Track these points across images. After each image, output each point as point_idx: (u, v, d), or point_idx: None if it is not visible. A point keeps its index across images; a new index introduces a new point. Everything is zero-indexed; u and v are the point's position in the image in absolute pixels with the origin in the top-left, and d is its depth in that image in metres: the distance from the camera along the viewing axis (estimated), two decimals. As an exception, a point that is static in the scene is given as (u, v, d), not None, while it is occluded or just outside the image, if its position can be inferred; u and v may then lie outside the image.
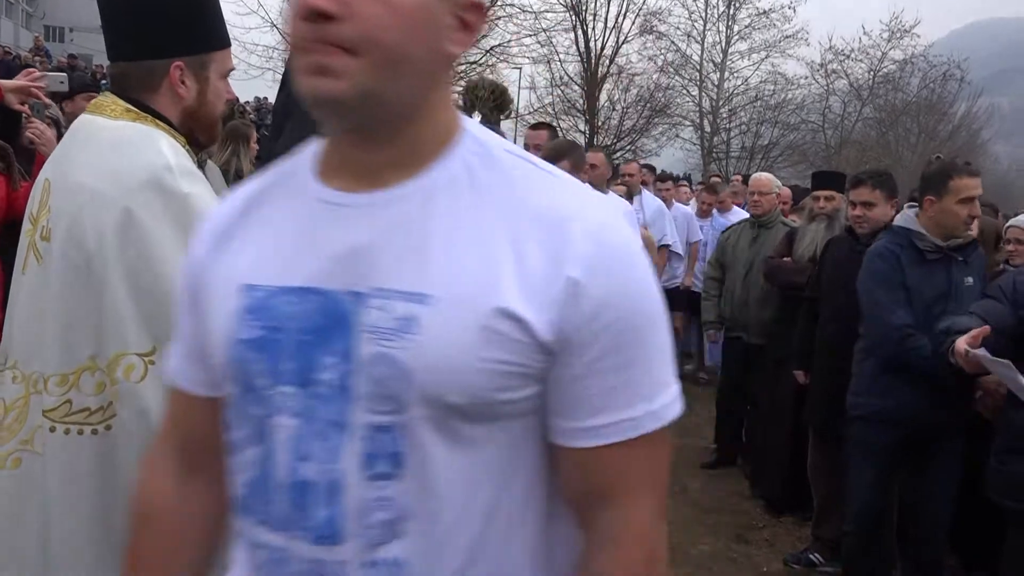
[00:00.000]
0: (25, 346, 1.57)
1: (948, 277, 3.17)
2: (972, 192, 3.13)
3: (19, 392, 1.56)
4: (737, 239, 5.30)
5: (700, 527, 4.38)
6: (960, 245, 3.19)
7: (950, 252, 3.18)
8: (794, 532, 4.38)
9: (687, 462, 5.39)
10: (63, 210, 1.54)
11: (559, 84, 25.72)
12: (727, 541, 4.23)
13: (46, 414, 1.52)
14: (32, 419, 1.54)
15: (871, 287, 3.20)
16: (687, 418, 5.65)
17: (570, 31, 25.36)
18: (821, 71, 28.44)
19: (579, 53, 25.78)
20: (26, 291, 1.58)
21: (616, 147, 25.94)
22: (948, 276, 3.17)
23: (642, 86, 26.68)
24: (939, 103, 29.23)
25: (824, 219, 4.48)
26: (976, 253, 3.27)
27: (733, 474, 5.21)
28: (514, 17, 22.86)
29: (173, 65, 1.63)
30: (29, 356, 1.56)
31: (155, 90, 1.64)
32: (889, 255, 3.17)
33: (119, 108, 1.61)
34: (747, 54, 28.13)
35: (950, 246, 3.17)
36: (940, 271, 3.17)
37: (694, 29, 27.86)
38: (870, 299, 3.20)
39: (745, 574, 3.89)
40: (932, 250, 3.16)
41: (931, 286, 3.14)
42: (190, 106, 1.67)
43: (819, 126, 29.07)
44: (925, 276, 3.15)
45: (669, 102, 27.02)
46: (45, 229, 1.55)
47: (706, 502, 4.74)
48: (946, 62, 28.37)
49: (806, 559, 3.97)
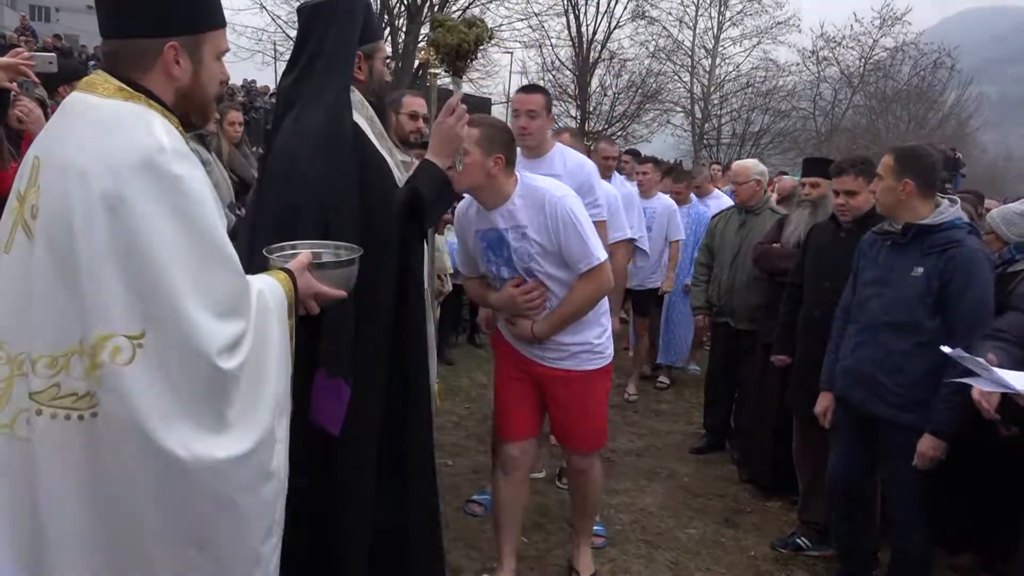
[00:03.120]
0: (10, 326, 1.53)
1: None
2: None
3: (2, 373, 1.53)
4: (725, 225, 5.34)
5: (688, 511, 4.42)
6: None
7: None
8: (782, 516, 4.42)
9: (676, 447, 5.43)
10: (52, 189, 1.50)
11: (550, 69, 25.62)
12: (715, 525, 4.26)
13: (33, 396, 1.49)
14: (16, 402, 1.51)
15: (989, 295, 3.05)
16: (675, 404, 5.73)
17: (562, 16, 25.25)
18: (812, 58, 28.46)
19: (571, 38, 25.68)
20: (12, 270, 1.54)
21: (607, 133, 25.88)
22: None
23: (634, 72, 26.62)
24: (929, 91, 29.28)
25: (808, 205, 4.52)
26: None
27: (721, 459, 5.25)
28: (506, 1, 22.72)
29: (168, 45, 1.61)
30: (15, 336, 1.52)
31: (148, 69, 1.61)
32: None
33: (111, 87, 1.58)
34: (739, 40, 28.10)
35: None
36: None
37: (686, 15, 27.78)
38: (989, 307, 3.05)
39: (733, 558, 3.93)
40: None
41: None
42: (184, 87, 1.65)
43: (810, 113, 29.10)
44: None
45: (660, 88, 26.96)
46: (34, 208, 1.52)
47: (694, 487, 4.77)
48: (937, 50, 28.41)
49: (793, 543, 4.01)
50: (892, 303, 3.13)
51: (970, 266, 2.99)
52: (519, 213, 3.00)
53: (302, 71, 2.47)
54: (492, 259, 3.13)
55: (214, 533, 1.53)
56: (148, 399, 1.45)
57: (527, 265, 3.05)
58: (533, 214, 2.99)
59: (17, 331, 1.52)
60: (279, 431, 1.66)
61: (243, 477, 1.56)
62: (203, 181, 1.57)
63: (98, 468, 1.49)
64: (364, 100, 2.56)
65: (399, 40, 20.29)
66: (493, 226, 3.05)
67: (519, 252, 3.03)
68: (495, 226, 3.05)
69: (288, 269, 1.85)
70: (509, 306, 3.15)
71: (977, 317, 2.95)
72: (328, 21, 2.45)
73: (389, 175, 2.54)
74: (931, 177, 3.16)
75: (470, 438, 5.23)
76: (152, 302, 1.47)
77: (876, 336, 3.17)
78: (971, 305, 2.98)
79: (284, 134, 2.44)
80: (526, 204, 3.00)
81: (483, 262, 3.18)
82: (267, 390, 1.64)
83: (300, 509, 2.41)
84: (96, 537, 1.50)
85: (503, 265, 3.11)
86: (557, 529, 4.01)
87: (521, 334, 3.16)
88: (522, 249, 3.02)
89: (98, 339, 1.45)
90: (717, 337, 5.47)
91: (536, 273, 3.05)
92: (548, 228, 2.97)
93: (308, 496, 2.41)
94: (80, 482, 1.49)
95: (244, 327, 1.60)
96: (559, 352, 3.18)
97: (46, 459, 1.49)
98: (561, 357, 3.18)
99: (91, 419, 1.48)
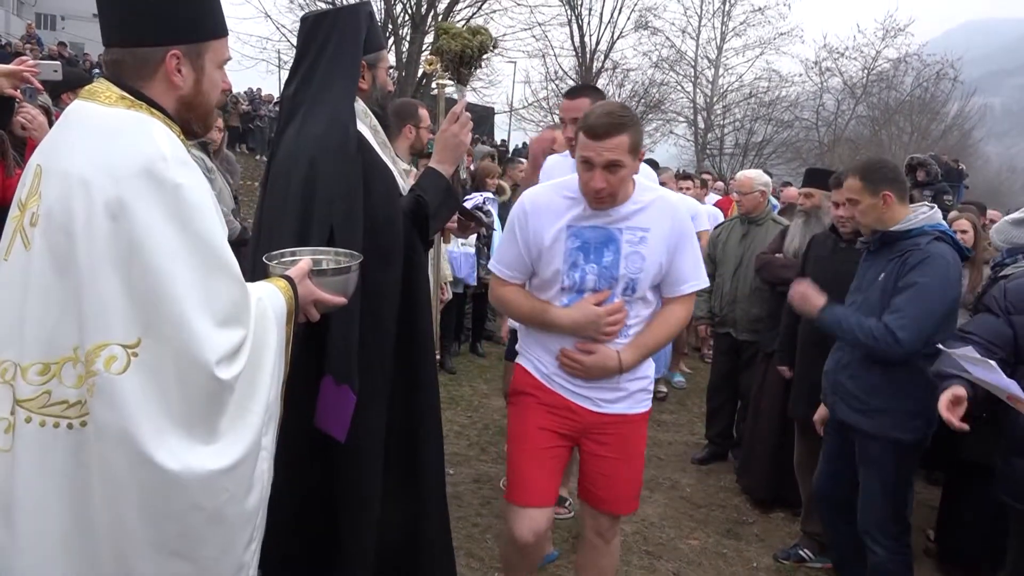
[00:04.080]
0: (2, 333, 1.52)
1: None
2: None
3: None
4: (728, 236, 5.34)
5: (691, 522, 4.40)
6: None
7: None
8: (784, 527, 4.40)
9: (678, 457, 5.42)
10: (53, 196, 1.50)
11: (554, 79, 25.71)
12: (717, 536, 4.24)
13: (21, 404, 1.47)
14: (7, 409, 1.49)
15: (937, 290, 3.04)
16: (678, 414, 5.69)
17: (565, 26, 25.34)
18: (815, 68, 28.54)
19: (574, 48, 25.77)
20: (7, 277, 1.54)
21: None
22: None
23: (637, 81, 26.70)
24: (932, 102, 29.33)
25: (803, 215, 4.55)
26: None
27: (724, 469, 5.23)
28: (509, 11, 22.79)
29: (169, 53, 1.61)
30: (3, 344, 1.51)
31: (150, 78, 1.62)
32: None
33: (113, 95, 1.59)
34: (742, 51, 28.22)
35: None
36: None
37: (689, 25, 27.91)
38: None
39: (735, 569, 3.91)
40: None
41: None
42: (186, 95, 1.65)
43: (812, 124, 29.15)
44: None
45: (663, 98, 27.03)
46: (35, 215, 1.52)
47: (697, 497, 4.75)
48: (940, 61, 28.49)
49: (796, 554, 3.99)
50: (860, 309, 3.19)
51: (921, 264, 2.99)
52: (642, 215, 2.57)
53: (304, 79, 2.48)
54: (580, 263, 2.58)
55: (200, 543, 1.52)
56: (141, 409, 1.44)
57: (634, 276, 2.56)
58: (658, 219, 2.57)
59: (7, 338, 1.51)
60: (266, 439, 1.65)
61: (230, 488, 1.55)
62: (204, 189, 1.57)
63: (83, 477, 1.47)
64: (367, 109, 2.57)
65: (403, 49, 20.36)
66: (602, 224, 2.56)
67: (630, 259, 2.56)
68: (605, 224, 2.56)
69: (288, 276, 1.85)
70: (587, 327, 2.57)
71: (914, 305, 2.93)
72: (333, 30, 2.47)
73: (393, 183, 2.55)
74: (903, 183, 3.21)
75: (472, 447, 5.22)
76: (152, 310, 1.46)
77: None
78: (911, 295, 2.95)
79: (288, 142, 2.45)
80: (652, 207, 2.58)
81: (563, 264, 2.59)
82: (259, 399, 1.63)
83: (307, 513, 2.43)
84: (75, 545, 1.48)
85: (595, 273, 2.57)
86: (559, 541, 3.99)
87: (603, 364, 2.59)
88: (635, 256, 2.57)
89: (94, 347, 1.44)
90: (719, 347, 5.46)
91: (636, 288, 2.58)
92: (670, 238, 2.57)
93: (314, 500, 2.42)
94: (60, 489, 1.48)
95: (244, 335, 1.60)
96: (616, 392, 2.66)
97: (27, 467, 1.47)
98: (618, 398, 2.67)
99: (80, 428, 1.47)
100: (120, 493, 1.46)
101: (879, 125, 29.17)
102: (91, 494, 1.47)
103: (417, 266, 2.62)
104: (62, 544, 1.48)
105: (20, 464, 1.47)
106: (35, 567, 1.48)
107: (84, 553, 1.49)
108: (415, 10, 20.73)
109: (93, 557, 1.49)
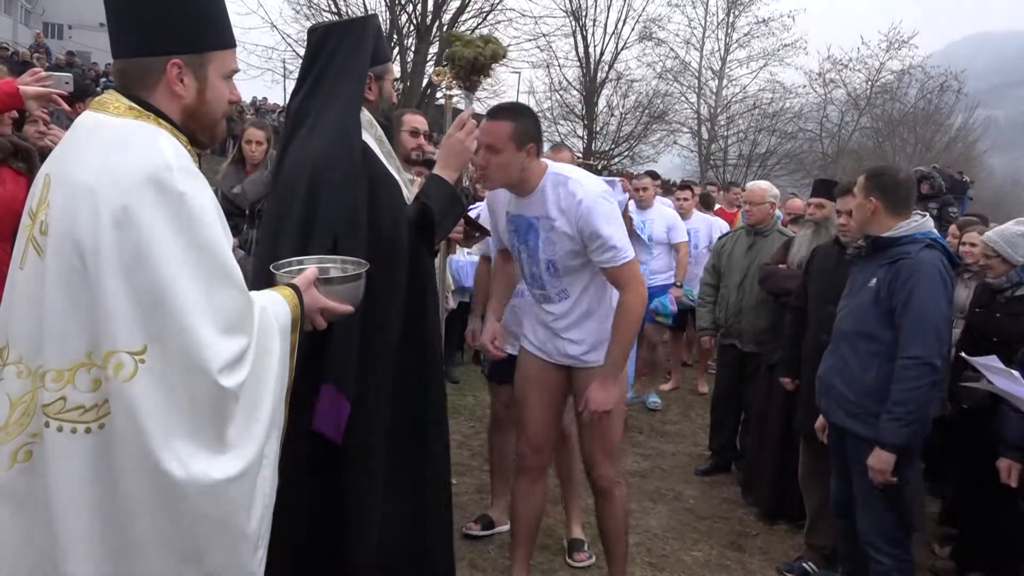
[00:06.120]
0: (28, 340, 1.56)
1: None
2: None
3: (25, 387, 1.55)
4: (733, 246, 5.32)
5: (694, 534, 4.38)
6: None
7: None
8: (787, 540, 4.38)
9: (681, 469, 5.40)
10: (61, 206, 1.52)
11: (558, 89, 25.84)
12: (721, 548, 4.23)
13: (43, 409, 1.51)
14: (41, 413, 1.53)
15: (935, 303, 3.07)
16: (681, 425, 5.68)
17: (569, 36, 25.46)
18: (819, 80, 28.59)
19: (578, 58, 25.87)
20: (25, 285, 1.57)
21: (614, 153, 25.98)
22: None
23: (641, 92, 26.77)
24: (936, 114, 29.35)
25: (812, 225, 4.54)
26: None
27: (727, 481, 5.21)
28: (514, 22, 22.91)
29: (170, 63, 1.62)
30: (32, 350, 1.55)
31: (153, 88, 1.63)
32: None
33: (122, 106, 1.61)
34: (746, 62, 28.29)
35: None
36: None
37: (693, 36, 28.01)
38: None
39: (738, 581, 3.89)
40: None
41: None
42: (189, 105, 1.67)
43: (816, 135, 29.18)
44: None
45: (667, 108, 27.09)
46: (44, 224, 1.54)
47: (700, 509, 4.74)
48: (943, 73, 28.53)
49: (799, 567, 3.97)
50: (851, 313, 3.22)
51: (915, 276, 3.02)
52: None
53: (311, 90, 2.49)
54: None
55: (207, 550, 1.54)
56: (151, 416, 1.46)
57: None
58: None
59: (34, 345, 1.55)
60: (268, 447, 1.66)
61: (236, 497, 1.56)
62: (209, 199, 1.58)
63: (103, 482, 1.50)
64: (373, 120, 2.58)
65: (407, 59, 20.45)
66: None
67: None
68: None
69: (294, 285, 1.86)
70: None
71: (922, 327, 2.98)
72: (342, 42, 2.49)
73: (398, 192, 2.56)
74: (896, 195, 3.20)
75: (475, 457, 5.20)
76: (157, 317, 1.47)
77: (839, 346, 3.29)
78: (916, 315, 2.99)
79: (295, 151, 2.46)
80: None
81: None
82: (264, 408, 1.64)
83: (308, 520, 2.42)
84: (99, 549, 1.51)
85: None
86: (560, 550, 3.98)
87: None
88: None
89: (105, 355, 1.47)
90: (724, 359, 5.44)
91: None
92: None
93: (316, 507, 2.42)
94: (84, 495, 1.50)
95: (247, 344, 1.61)
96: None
97: (56, 470, 1.50)
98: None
99: (98, 431, 1.50)
100: (131, 496, 1.49)
101: (883, 136, 29.19)
102: (110, 497, 1.50)
103: (425, 274, 2.63)
104: (87, 543, 1.51)
105: (49, 468, 1.51)
106: (82, 565, 1.50)
107: (105, 554, 1.51)
108: (420, 20, 20.84)
109: (113, 559, 1.52)
